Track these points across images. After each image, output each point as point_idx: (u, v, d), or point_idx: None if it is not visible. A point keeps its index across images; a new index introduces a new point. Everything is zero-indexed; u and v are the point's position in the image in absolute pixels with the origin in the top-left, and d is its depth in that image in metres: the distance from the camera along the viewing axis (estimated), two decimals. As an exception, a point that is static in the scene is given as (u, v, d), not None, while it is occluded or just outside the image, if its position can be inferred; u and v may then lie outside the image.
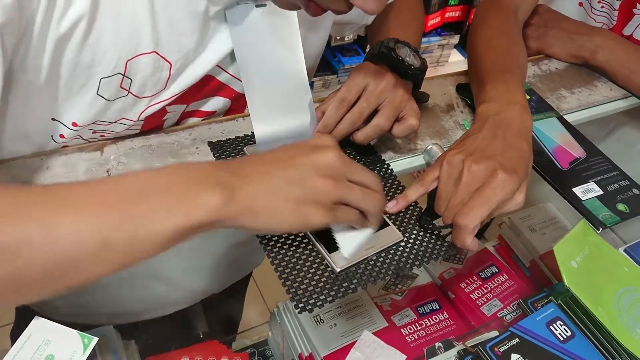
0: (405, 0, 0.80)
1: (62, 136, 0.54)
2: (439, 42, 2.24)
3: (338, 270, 0.49)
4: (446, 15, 2.19)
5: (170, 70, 0.54)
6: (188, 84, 0.56)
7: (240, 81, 0.59)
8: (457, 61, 2.38)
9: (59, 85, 0.49)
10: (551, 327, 0.50)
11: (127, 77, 0.51)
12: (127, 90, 0.53)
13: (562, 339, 0.49)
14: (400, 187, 0.59)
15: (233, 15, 0.52)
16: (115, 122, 0.55)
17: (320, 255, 0.50)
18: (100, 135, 0.57)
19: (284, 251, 0.50)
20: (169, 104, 0.57)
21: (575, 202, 0.62)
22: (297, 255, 0.50)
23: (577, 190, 0.63)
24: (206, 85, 0.59)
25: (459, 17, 2.22)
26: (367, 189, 0.47)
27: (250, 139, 0.61)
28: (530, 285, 0.76)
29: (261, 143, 0.57)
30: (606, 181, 0.66)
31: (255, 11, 0.53)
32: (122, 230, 0.36)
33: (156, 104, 0.55)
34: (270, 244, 0.51)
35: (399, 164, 0.63)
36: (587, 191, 0.63)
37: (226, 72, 0.59)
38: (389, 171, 0.60)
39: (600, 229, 0.58)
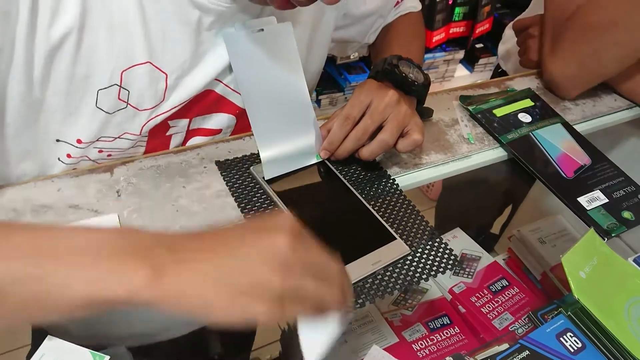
0: (407, 18, 0.82)
1: (69, 156, 0.55)
2: (444, 58, 2.26)
3: (345, 285, 0.49)
4: (450, 31, 2.20)
5: (166, 81, 0.54)
6: (187, 96, 0.56)
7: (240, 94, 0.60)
8: (462, 76, 2.38)
9: (57, 101, 0.49)
10: (561, 338, 0.50)
11: (124, 88, 0.52)
12: (125, 102, 0.53)
13: (572, 350, 0.49)
14: (406, 202, 0.59)
15: (230, 38, 0.52)
16: (118, 138, 0.56)
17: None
18: (108, 155, 0.58)
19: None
20: (170, 117, 0.57)
21: (580, 212, 0.62)
22: (305, 271, 0.50)
23: (582, 200, 0.63)
24: (205, 98, 0.59)
25: (464, 33, 2.24)
26: (327, 280, 0.39)
27: (257, 157, 0.62)
28: (542, 298, 0.75)
29: (267, 163, 0.58)
30: (612, 188, 0.66)
31: (252, 35, 0.54)
32: (24, 286, 0.32)
33: (157, 116, 0.56)
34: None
35: (405, 178, 0.63)
36: (593, 200, 0.63)
37: (225, 84, 0.60)
38: (395, 186, 0.61)
39: (606, 238, 0.58)
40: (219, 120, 0.63)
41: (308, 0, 0.47)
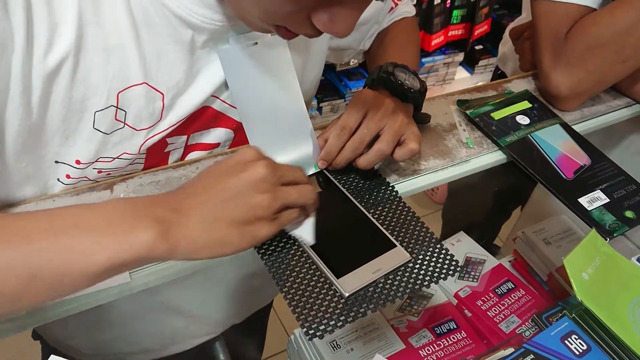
0: (401, 24, 0.82)
1: (68, 176, 0.56)
2: (443, 61, 2.26)
3: (347, 295, 0.49)
4: (449, 34, 2.21)
5: (163, 100, 0.55)
6: (184, 114, 0.57)
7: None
8: (463, 78, 2.39)
9: (56, 124, 0.50)
10: (566, 341, 0.49)
11: (120, 109, 0.53)
12: (122, 122, 0.54)
13: (578, 353, 0.49)
14: (406, 209, 0.59)
15: (225, 54, 0.53)
16: (117, 158, 0.56)
17: (328, 281, 0.51)
18: (107, 174, 0.58)
19: (292, 278, 0.51)
20: (168, 135, 0.58)
21: (581, 212, 0.61)
22: (306, 282, 0.51)
23: (583, 200, 0.63)
24: (203, 115, 0.60)
25: (462, 35, 2.24)
26: (298, 185, 0.49)
27: (255, 169, 0.62)
28: (549, 299, 0.75)
29: None
30: (612, 187, 0.66)
31: (247, 50, 0.54)
32: (52, 263, 0.37)
33: (154, 135, 0.56)
34: (279, 272, 0.51)
35: (404, 185, 0.63)
36: (594, 200, 0.63)
37: (221, 100, 0.60)
38: (394, 193, 0.61)
39: (608, 239, 0.57)
40: (217, 135, 0.63)
41: (317, 33, 0.48)
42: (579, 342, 0.49)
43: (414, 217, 0.58)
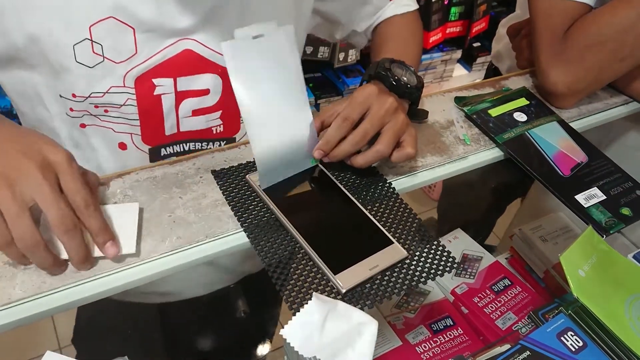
0: (404, 18, 0.82)
1: (71, 109, 0.62)
2: (441, 58, 2.26)
3: (344, 291, 0.49)
4: (447, 31, 2.21)
5: (134, 34, 0.59)
6: (158, 48, 0.60)
7: (220, 55, 0.63)
8: (461, 75, 2.39)
9: (46, 60, 0.57)
10: (562, 338, 0.50)
11: (95, 42, 0.58)
12: (101, 55, 0.59)
13: (573, 349, 0.49)
14: (403, 206, 0.59)
15: (230, 48, 0.52)
16: (107, 93, 0.61)
17: (325, 277, 0.51)
18: (105, 110, 0.62)
19: (290, 275, 0.51)
20: (152, 75, 0.61)
21: (578, 210, 0.62)
22: (303, 278, 0.51)
23: (580, 197, 0.63)
24: (184, 58, 0.62)
25: (460, 32, 2.24)
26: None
27: (252, 165, 0.62)
28: (545, 297, 0.75)
29: (263, 172, 0.58)
30: (609, 185, 0.66)
31: (252, 42, 0.53)
32: None
33: (134, 68, 0.60)
34: (278, 269, 0.51)
35: (401, 182, 0.63)
36: (590, 197, 0.63)
37: (201, 44, 0.62)
38: (391, 190, 0.61)
39: (605, 236, 0.57)
40: (204, 81, 0.65)
41: None
42: (575, 339, 0.50)
43: (412, 214, 0.58)
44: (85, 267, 0.49)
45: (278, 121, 0.57)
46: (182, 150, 0.70)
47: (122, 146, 0.67)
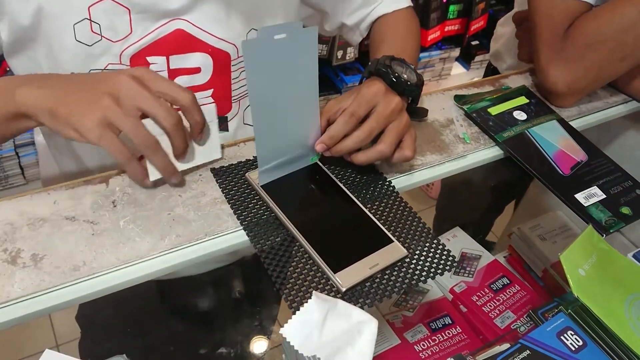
0: (399, 14, 0.82)
1: None
2: (439, 56, 2.26)
3: (344, 289, 0.49)
4: (446, 29, 2.21)
5: (129, 15, 0.61)
6: (152, 27, 0.63)
7: (212, 35, 0.66)
8: (459, 73, 2.39)
9: (48, 39, 0.61)
10: (562, 337, 0.49)
11: (94, 21, 0.61)
12: (99, 34, 0.61)
13: (573, 348, 0.49)
14: (402, 204, 0.59)
15: (249, 48, 0.50)
16: (105, 70, 0.64)
17: (325, 276, 0.50)
18: None
19: (289, 273, 0.51)
20: (146, 53, 0.64)
21: (578, 209, 0.62)
22: (303, 276, 0.50)
23: (580, 196, 0.63)
24: (175, 37, 0.65)
25: (459, 30, 2.24)
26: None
27: (252, 163, 0.62)
28: (544, 295, 0.75)
29: (263, 170, 0.57)
30: (609, 184, 0.66)
31: (272, 42, 0.51)
32: None
33: (130, 45, 0.63)
34: (278, 268, 0.51)
35: (401, 180, 0.63)
36: (590, 196, 0.63)
37: (192, 24, 0.65)
38: (391, 188, 0.61)
39: (604, 235, 0.57)
40: (195, 60, 0.67)
41: None
42: (575, 338, 0.50)
43: (411, 213, 0.58)
44: (183, 157, 0.57)
45: (286, 121, 0.56)
46: None
47: None
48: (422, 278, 0.51)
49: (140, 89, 0.51)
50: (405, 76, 0.62)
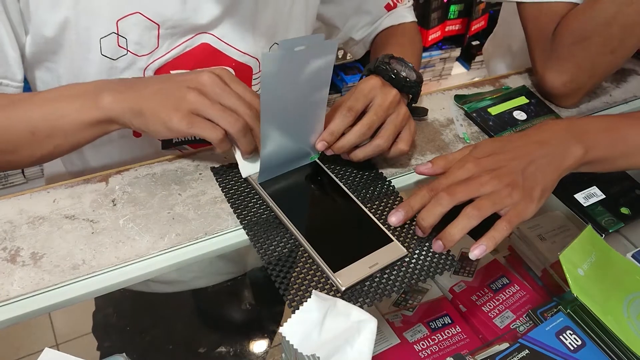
0: (403, 27, 0.82)
1: None
2: (440, 56, 2.26)
3: (343, 289, 0.49)
4: (446, 29, 2.21)
5: (158, 30, 0.62)
6: (179, 41, 0.64)
7: (236, 49, 0.67)
8: (459, 73, 2.39)
9: (71, 51, 0.60)
10: (561, 336, 0.50)
11: (121, 36, 0.60)
12: (125, 48, 0.61)
13: (572, 348, 0.49)
14: (402, 203, 0.59)
15: (269, 59, 0.48)
16: None
17: (324, 275, 0.50)
18: None
19: (289, 272, 0.51)
20: (170, 66, 0.64)
21: (577, 208, 0.62)
22: (302, 275, 0.50)
23: (579, 196, 0.63)
24: (200, 50, 0.65)
25: (459, 30, 2.24)
26: (236, 107, 0.53)
27: (252, 162, 0.62)
28: (543, 295, 0.75)
29: (263, 170, 0.57)
30: (608, 184, 0.66)
31: (293, 54, 0.50)
32: (46, 120, 0.53)
33: (155, 61, 0.64)
34: (277, 267, 0.51)
35: (400, 180, 0.63)
36: (590, 196, 0.63)
37: (218, 38, 0.65)
38: (391, 188, 0.61)
39: (604, 235, 0.57)
40: None
41: None
42: (574, 338, 0.50)
43: (411, 212, 0.58)
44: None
45: (293, 126, 0.56)
46: (192, 138, 0.70)
47: (137, 134, 0.69)
48: (422, 277, 0.51)
49: (224, 86, 0.53)
50: (404, 73, 0.63)
